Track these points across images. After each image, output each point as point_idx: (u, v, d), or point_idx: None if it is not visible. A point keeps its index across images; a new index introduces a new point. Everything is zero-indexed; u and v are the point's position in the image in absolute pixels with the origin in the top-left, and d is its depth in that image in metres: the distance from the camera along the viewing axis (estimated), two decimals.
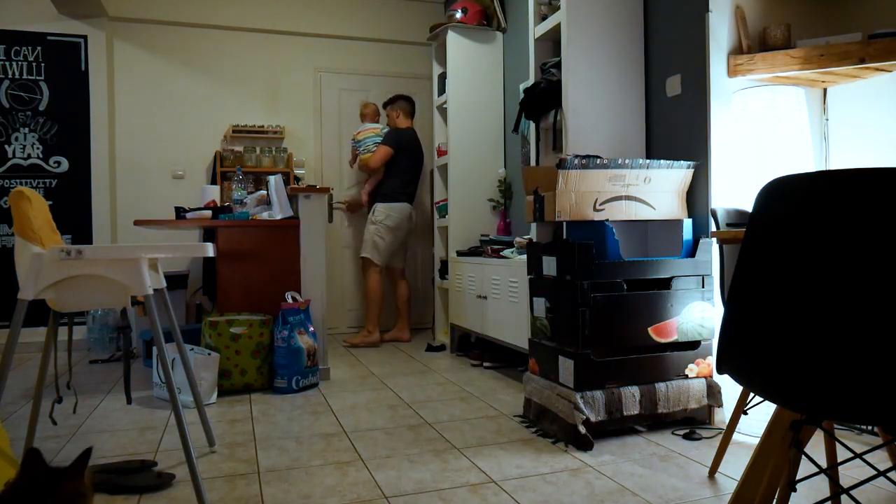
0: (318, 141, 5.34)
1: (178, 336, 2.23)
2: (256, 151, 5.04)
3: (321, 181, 5.30)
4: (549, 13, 3.18)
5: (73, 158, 4.72)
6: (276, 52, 5.24)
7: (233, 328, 3.19)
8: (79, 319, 4.54)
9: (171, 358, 3.01)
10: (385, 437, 2.47)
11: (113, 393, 3.23)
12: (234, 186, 3.93)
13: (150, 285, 1.85)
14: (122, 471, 2.04)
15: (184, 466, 2.13)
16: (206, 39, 5.08)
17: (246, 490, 1.95)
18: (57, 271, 1.78)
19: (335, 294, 5.33)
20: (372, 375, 3.62)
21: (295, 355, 3.20)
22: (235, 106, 5.14)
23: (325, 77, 5.35)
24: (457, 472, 2.06)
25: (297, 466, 2.15)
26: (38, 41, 4.64)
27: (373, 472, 2.09)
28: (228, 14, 5.08)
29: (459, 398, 3.02)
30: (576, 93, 2.88)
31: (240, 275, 3.55)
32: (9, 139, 4.60)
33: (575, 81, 2.88)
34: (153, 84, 4.97)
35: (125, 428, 2.63)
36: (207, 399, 2.98)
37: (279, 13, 5.19)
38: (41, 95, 4.66)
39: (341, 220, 5.37)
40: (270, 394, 3.20)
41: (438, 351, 4.40)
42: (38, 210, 1.90)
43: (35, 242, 1.82)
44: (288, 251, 3.56)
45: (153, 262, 2.03)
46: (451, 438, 2.42)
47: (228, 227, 3.56)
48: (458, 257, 4.20)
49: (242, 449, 2.34)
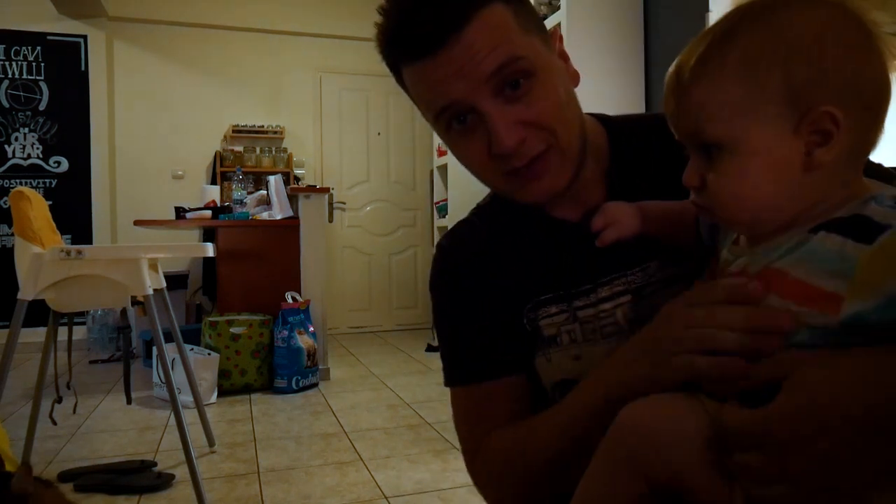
0: (318, 141, 5.34)
1: (178, 336, 2.23)
2: (256, 151, 5.04)
3: (321, 181, 5.29)
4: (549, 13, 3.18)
5: (73, 158, 4.71)
6: (276, 53, 5.23)
7: (233, 328, 3.19)
8: (79, 319, 4.52)
9: (171, 358, 3.01)
10: (385, 437, 2.47)
11: (113, 393, 3.23)
12: (234, 186, 3.93)
13: (149, 285, 1.85)
14: (122, 471, 2.05)
15: (184, 466, 2.12)
16: (206, 39, 5.07)
17: (246, 490, 1.95)
18: (57, 271, 1.78)
19: (335, 294, 5.33)
20: (372, 375, 3.62)
21: (295, 355, 3.20)
22: (235, 106, 5.14)
23: (325, 77, 5.35)
24: (457, 472, 2.06)
25: (297, 466, 2.15)
26: (38, 41, 4.64)
27: (373, 472, 2.09)
28: (228, 14, 5.08)
29: None
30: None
31: (240, 275, 3.55)
32: (9, 139, 4.60)
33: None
34: (153, 84, 4.96)
35: (125, 428, 2.63)
36: (207, 399, 2.98)
37: (280, 13, 5.19)
38: (41, 95, 4.66)
39: (341, 220, 5.37)
40: (270, 394, 3.19)
41: (438, 351, 4.40)
42: (38, 210, 1.91)
43: (35, 242, 1.82)
44: (288, 251, 3.56)
45: (153, 262, 2.03)
46: (451, 438, 2.42)
47: (228, 227, 3.56)
48: None
49: (242, 449, 2.34)
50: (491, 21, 0.60)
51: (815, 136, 0.47)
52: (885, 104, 0.49)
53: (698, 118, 0.50)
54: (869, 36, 0.48)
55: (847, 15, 0.48)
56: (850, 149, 0.48)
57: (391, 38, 0.63)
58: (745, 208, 0.50)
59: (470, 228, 0.79)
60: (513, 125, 0.61)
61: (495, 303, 0.73)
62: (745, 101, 0.48)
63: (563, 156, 0.64)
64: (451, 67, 0.60)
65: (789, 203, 0.49)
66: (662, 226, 0.64)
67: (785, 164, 0.48)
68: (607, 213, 0.64)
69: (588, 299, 0.68)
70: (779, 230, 0.50)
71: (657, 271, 0.67)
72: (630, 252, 0.65)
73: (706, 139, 0.50)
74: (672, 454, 0.49)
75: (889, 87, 0.49)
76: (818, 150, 0.47)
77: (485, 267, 0.75)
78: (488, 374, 0.74)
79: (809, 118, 0.47)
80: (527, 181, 0.65)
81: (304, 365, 3.23)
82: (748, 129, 0.48)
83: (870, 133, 0.50)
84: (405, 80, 0.66)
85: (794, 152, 0.48)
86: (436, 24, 0.59)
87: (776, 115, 0.47)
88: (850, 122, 0.47)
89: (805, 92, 0.47)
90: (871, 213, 0.45)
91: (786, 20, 0.48)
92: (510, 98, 0.61)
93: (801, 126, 0.47)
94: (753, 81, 0.48)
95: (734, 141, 0.49)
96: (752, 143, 0.48)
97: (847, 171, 0.49)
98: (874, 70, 0.48)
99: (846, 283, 0.44)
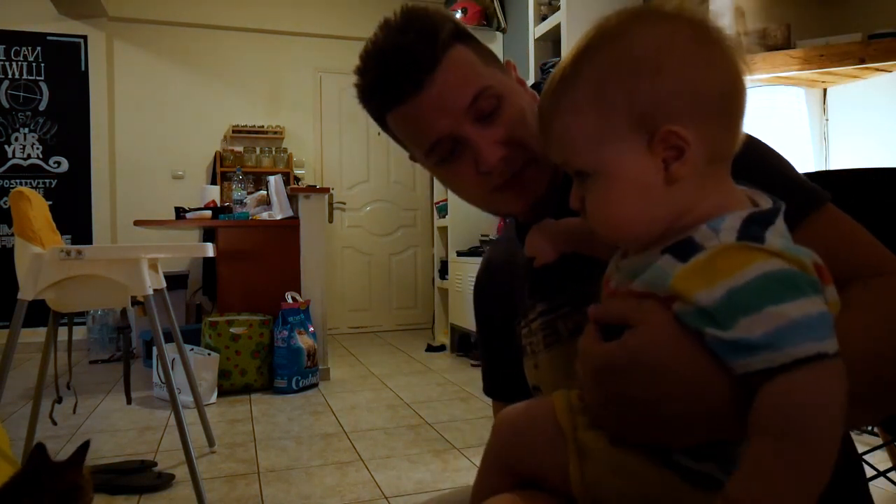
0: (318, 141, 5.34)
1: (178, 336, 2.23)
2: (256, 151, 5.04)
3: (321, 181, 5.29)
4: (549, 13, 3.18)
5: (73, 158, 4.71)
6: (276, 53, 5.23)
7: (233, 328, 3.19)
8: (79, 319, 4.53)
9: (171, 358, 3.01)
10: (385, 437, 2.47)
11: (113, 393, 3.23)
12: (234, 186, 3.93)
13: (150, 285, 1.85)
14: (122, 471, 2.05)
15: (184, 466, 2.12)
16: (206, 39, 5.07)
17: (246, 490, 1.95)
18: (57, 271, 1.78)
19: (335, 294, 5.32)
20: (372, 375, 3.62)
21: (295, 355, 3.20)
22: (235, 106, 5.14)
23: (325, 77, 5.35)
24: (457, 472, 2.06)
25: (297, 466, 2.15)
26: (38, 41, 4.64)
27: (373, 472, 2.09)
28: (228, 14, 5.08)
29: (459, 398, 3.02)
30: None
31: (240, 275, 3.55)
32: (9, 139, 4.60)
33: None
34: (153, 84, 4.96)
35: (125, 428, 2.63)
36: (207, 399, 2.98)
37: (279, 13, 5.18)
38: (41, 95, 4.66)
39: (341, 220, 5.37)
40: (270, 394, 3.19)
41: (438, 351, 4.40)
42: (37, 210, 1.90)
43: (35, 243, 1.82)
44: (288, 251, 3.56)
45: (153, 262, 2.03)
46: (451, 438, 2.42)
47: (228, 227, 3.56)
48: (458, 257, 4.20)
49: (242, 449, 2.34)
50: (458, 60, 0.68)
51: (669, 152, 0.48)
52: (736, 109, 0.50)
53: (563, 150, 0.53)
54: (709, 43, 0.49)
55: (684, 26, 0.49)
56: (708, 157, 0.49)
57: (374, 89, 0.72)
58: (617, 227, 0.52)
59: (495, 245, 0.91)
60: (494, 144, 0.68)
61: (500, 318, 0.82)
62: (598, 129, 0.50)
63: (538, 165, 0.70)
64: (432, 104, 0.68)
65: (659, 216, 0.51)
66: (582, 239, 0.65)
67: (646, 182, 0.50)
68: (530, 243, 0.68)
69: (534, 312, 0.74)
70: (654, 241, 0.51)
71: (593, 284, 0.70)
72: (571, 266, 0.68)
73: (573, 167, 0.53)
74: (528, 438, 0.57)
75: (738, 92, 0.50)
76: (674, 164, 0.49)
77: (497, 282, 0.85)
78: (496, 395, 0.89)
79: (658, 137, 0.48)
80: (512, 193, 0.72)
81: (304, 365, 3.23)
82: (606, 155, 0.50)
83: (725, 139, 0.51)
84: (391, 126, 0.74)
85: (653, 169, 0.49)
86: (412, 69, 0.67)
87: (628, 138, 0.49)
88: (701, 134, 0.48)
89: (648, 112, 0.48)
90: (697, 235, 0.48)
91: (626, 43, 0.50)
92: (487, 123, 0.69)
93: (652, 144, 0.49)
94: (602, 109, 0.50)
95: (595, 166, 0.51)
96: (612, 168, 0.50)
97: (710, 178, 0.50)
98: (717, 78, 0.49)
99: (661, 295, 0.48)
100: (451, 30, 0.69)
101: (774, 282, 0.43)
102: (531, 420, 0.58)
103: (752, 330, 0.42)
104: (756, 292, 0.43)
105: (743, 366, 0.43)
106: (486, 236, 4.15)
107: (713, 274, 0.45)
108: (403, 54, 0.67)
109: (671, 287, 0.47)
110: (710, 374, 0.45)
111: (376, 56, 0.70)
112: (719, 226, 0.47)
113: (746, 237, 0.46)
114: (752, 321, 0.42)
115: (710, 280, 0.45)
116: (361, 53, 0.73)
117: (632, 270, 0.52)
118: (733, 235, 0.47)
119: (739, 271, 0.44)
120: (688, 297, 0.45)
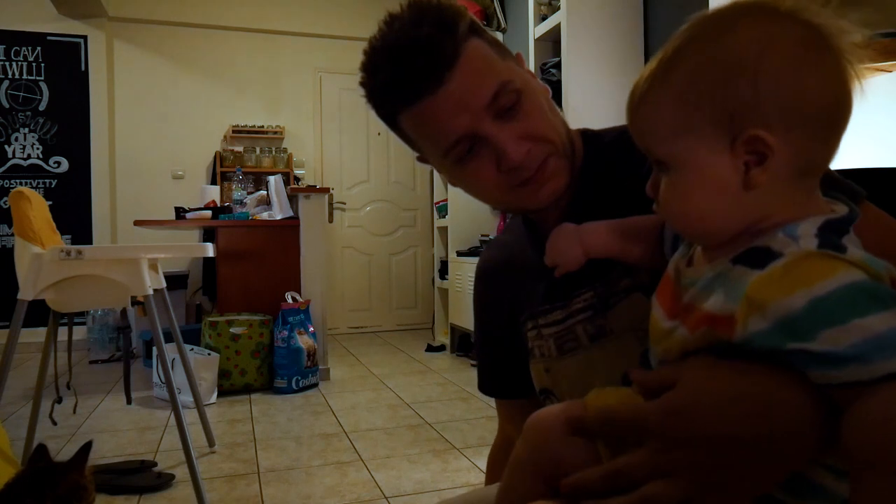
0: (318, 141, 5.34)
1: (178, 336, 2.23)
2: (256, 152, 5.04)
3: (321, 181, 5.29)
4: (549, 13, 3.18)
5: (73, 158, 4.71)
6: (276, 53, 5.23)
7: (233, 328, 3.19)
8: (79, 319, 4.53)
9: (171, 358, 3.01)
10: (385, 437, 2.47)
11: (113, 393, 3.23)
12: (234, 186, 3.93)
13: (149, 285, 1.85)
14: (122, 471, 2.05)
15: (184, 466, 2.12)
16: (206, 39, 5.07)
17: (246, 490, 1.95)
18: (57, 271, 1.78)
19: (335, 294, 5.33)
20: (372, 375, 3.62)
21: (295, 355, 3.20)
22: (235, 106, 5.14)
23: (325, 77, 5.35)
24: (457, 472, 2.06)
25: (297, 466, 2.15)
26: (38, 41, 4.64)
27: (373, 472, 2.09)
28: (228, 14, 5.08)
29: (459, 398, 3.02)
30: (575, 93, 2.88)
31: (240, 275, 3.55)
32: (9, 139, 4.60)
33: (575, 81, 2.88)
34: (153, 84, 4.96)
35: (125, 428, 2.63)
36: (207, 399, 2.98)
37: (279, 13, 5.18)
38: (41, 95, 4.66)
39: (341, 220, 5.37)
40: (270, 394, 3.19)
41: (438, 351, 4.40)
42: (37, 210, 1.90)
43: (35, 242, 1.82)
44: (288, 251, 3.56)
45: (153, 262, 2.03)
46: (451, 438, 2.42)
47: (228, 227, 3.55)
48: (457, 257, 4.20)
49: (242, 449, 2.34)
50: (475, 54, 0.65)
51: (751, 156, 0.47)
52: (838, 122, 0.48)
53: (646, 136, 0.52)
54: (820, 48, 0.47)
55: (795, 27, 0.47)
56: (796, 168, 0.48)
57: (387, 87, 0.67)
58: (689, 221, 0.52)
59: (495, 245, 0.89)
60: (517, 140, 0.66)
61: (502, 317, 0.82)
62: (682, 121, 0.49)
63: (560, 158, 0.70)
64: (452, 101, 0.64)
65: (732, 219, 0.49)
66: (613, 244, 0.64)
67: (722, 183, 0.48)
68: (553, 248, 0.66)
69: (548, 318, 0.72)
70: (725, 244, 0.50)
71: (614, 285, 0.69)
72: (588, 270, 0.66)
73: (654, 156, 0.52)
74: (555, 444, 0.54)
75: (845, 101, 0.47)
76: (754, 169, 0.47)
77: (499, 282, 0.84)
78: (493, 392, 0.90)
79: (741, 139, 0.47)
80: (534, 187, 0.69)
81: (304, 365, 3.23)
82: (687, 149, 0.49)
83: (820, 152, 0.49)
84: (403, 126, 0.70)
85: (732, 171, 0.48)
86: (431, 65, 0.63)
87: (711, 136, 0.48)
88: (790, 143, 0.46)
89: (738, 114, 0.47)
90: (773, 242, 0.46)
91: (729, 40, 0.48)
92: (508, 118, 0.66)
93: (735, 146, 0.47)
94: (690, 102, 0.49)
95: (675, 159, 0.50)
96: (691, 162, 0.49)
97: (794, 189, 0.49)
98: (821, 87, 0.47)
99: (738, 307, 0.46)
100: (469, 22, 0.66)
101: (860, 293, 0.42)
102: (556, 420, 0.56)
103: (839, 342, 0.41)
104: (841, 303, 0.41)
105: (824, 377, 0.42)
106: (486, 236, 4.15)
107: (793, 282, 0.43)
108: (421, 48, 0.63)
109: (747, 295, 0.45)
110: (775, 393, 0.44)
111: (388, 52, 0.66)
112: (795, 232, 0.46)
113: (827, 245, 0.45)
114: (836, 333, 0.41)
115: (789, 288, 0.43)
116: (367, 50, 0.68)
117: (702, 283, 0.50)
118: (813, 243, 0.45)
119: (821, 281, 0.42)
120: (765, 306, 0.43)
